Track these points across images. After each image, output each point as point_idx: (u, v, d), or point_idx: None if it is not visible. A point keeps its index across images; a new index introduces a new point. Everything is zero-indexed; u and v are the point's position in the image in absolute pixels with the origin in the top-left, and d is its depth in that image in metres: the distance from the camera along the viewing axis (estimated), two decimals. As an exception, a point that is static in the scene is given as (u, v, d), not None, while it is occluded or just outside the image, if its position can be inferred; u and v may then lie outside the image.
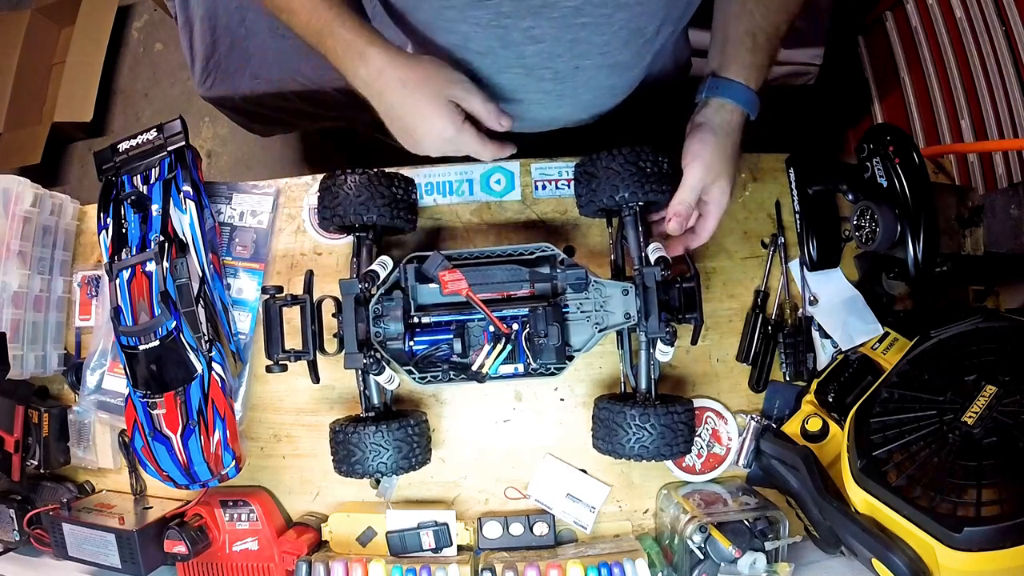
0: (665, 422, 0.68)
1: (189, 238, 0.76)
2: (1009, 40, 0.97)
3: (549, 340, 0.68)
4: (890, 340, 0.77)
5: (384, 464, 0.70)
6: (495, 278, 0.71)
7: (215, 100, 1.41)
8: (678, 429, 0.69)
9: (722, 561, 0.67)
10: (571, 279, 0.71)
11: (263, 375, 0.84)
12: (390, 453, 0.70)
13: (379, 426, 0.70)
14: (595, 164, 0.73)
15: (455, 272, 0.68)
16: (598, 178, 0.72)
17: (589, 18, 0.60)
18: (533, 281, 0.71)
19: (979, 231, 0.74)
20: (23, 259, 0.81)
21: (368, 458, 0.69)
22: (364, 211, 0.72)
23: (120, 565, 0.72)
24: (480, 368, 0.68)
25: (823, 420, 0.75)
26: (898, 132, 0.75)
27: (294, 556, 0.76)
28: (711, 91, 0.69)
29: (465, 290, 0.67)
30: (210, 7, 1.33)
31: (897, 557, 0.57)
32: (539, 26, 0.61)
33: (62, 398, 0.88)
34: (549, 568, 0.71)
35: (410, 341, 0.70)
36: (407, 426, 0.71)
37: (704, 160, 0.67)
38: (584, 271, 0.71)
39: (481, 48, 0.65)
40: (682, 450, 0.70)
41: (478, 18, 0.60)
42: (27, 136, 1.96)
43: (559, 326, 0.68)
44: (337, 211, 0.73)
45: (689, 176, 0.68)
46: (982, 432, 0.59)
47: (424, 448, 0.74)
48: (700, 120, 0.69)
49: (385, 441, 0.70)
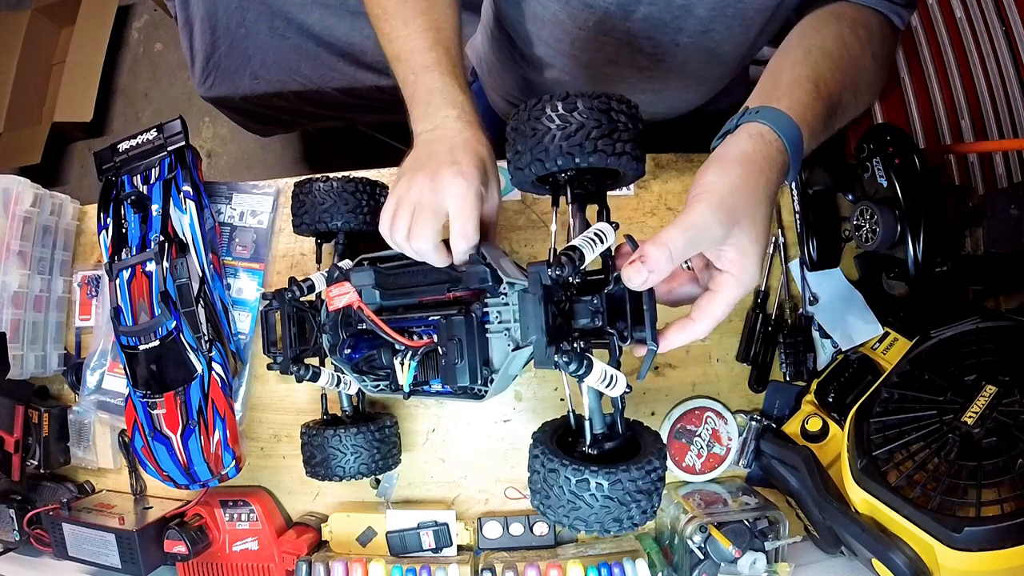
0: (611, 492, 0.47)
1: (189, 238, 0.76)
2: (1009, 40, 0.97)
3: (455, 357, 0.54)
4: (890, 340, 0.77)
5: (342, 468, 0.71)
6: (415, 281, 0.62)
7: (215, 100, 1.41)
8: (633, 497, 0.48)
9: (722, 561, 0.67)
10: (474, 279, 0.56)
11: (263, 375, 0.84)
12: (347, 457, 0.71)
13: (337, 430, 0.71)
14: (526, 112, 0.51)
15: (341, 284, 0.60)
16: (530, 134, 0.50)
17: None
18: (451, 283, 0.59)
19: (979, 231, 0.74)
20: (23, 259, 0.81)
21: (329, 461, 0.71)
22: (328, 217, 0.72)
23: (120, 565, 0.72)
24: (401, 383, 0.59)
25: (823, 420, 0.75)
26: (898, 132, 0.75)
27: (294, 556, 0.76)
28: (747, 117, 0.50)
29: (356, 303, 0.59)
30: (210, 7, 1.33)
31: (897, 557, 0.57)
32: None
33: (62, 398, 0.88)
34: (549, 568, 0.71)
35: (347, 349, 0.64)
36: (367, 431, 0.72)
37: (718, 195, 0.45)
38: (485, 268, 0.55)
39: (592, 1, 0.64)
40: (636, 523, 0.50)
41: None
42: (27, 136, 1.96)
43: (460, 341, 0.53)
44: (304, 218, 0.73)
45: (690, 214, 0.44)
46: (982, 432, 0.59)
47: (386, 454, 0.74)
48: (721, 152, 0.49)
49: (342, 446, 0.71)
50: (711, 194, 0.45)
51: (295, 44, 1.33)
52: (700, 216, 0.44)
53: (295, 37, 1.32)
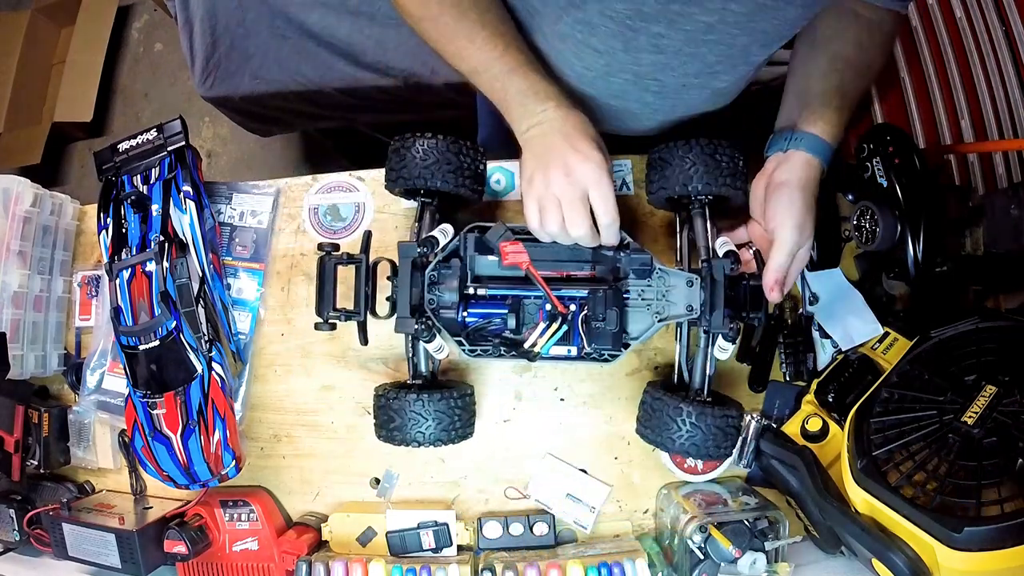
0: (720, 424, 0.66)
1: (189, 238, 0.76)
2: (1009, 40, 0.97)
3: (607, 324, 0.66)
4: (890, 340, 0.77)
5: (421, 434, 0.68)
6: (557, 255, 0.69)
7: (215, 100, 1.41)
8: (729, 432, 0.67)
9: (722, 561, 0.67)
10: (635, 263, 0.69)
11: (263, 375, 0.84)
12: (428, 423, 0.68)
13: (420, 395, 0.68)
14: (671, 152, 0.71)
15: (517, 244, 0.65)
16: (672, 166, 0.70)
17: (716, 36, 0.61)
18: (595, 263, 0.70)
19: (979, 231, 0.74)
20: (23, 259, 0.81)
21: (407, 425, 0.68)
22: (429, 176, 0.70)
23: (120, 565, 0.72)
24: (532, 346, 0.66)
25: (823, 420, 0.75)
26: (898, 132, 0.75)
27: (294, 556, 0.76)
28: (795, 143, 0.66)
29: (525, 263, 0.65)
30: (210, 7, 1.33)
31: (897, 557, 0.57)
32: (668, 36, 0.61)
33: (62, 398, 0.88)
34: (549, 568, 0.71)
35: (463, 312, 0.69)
36: (449, 398, 0.70)
37: (796, 221, 0.64)
38: (649, 256, 0.68)
39: (602, 47, 0.65)
40: (726, 453, 0.68)
41: (616, 12, 0.59)
42: (27, 136, 1.96)
43: (618, 311, 0.66)
44: (402, 173, 0.71)
45: (784, 240, 0.64)
46: (982, 432, 0.58)
47: (466, 422, 0.72)
48: (784, 177, 0.66)
49: (424, 411, 0.68)
50: (792, 219, 0.64)
51: (295, 44, 1.33)
52: (792, 241, 0.64)
53: (295, 37, 1.32)
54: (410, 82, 1.30)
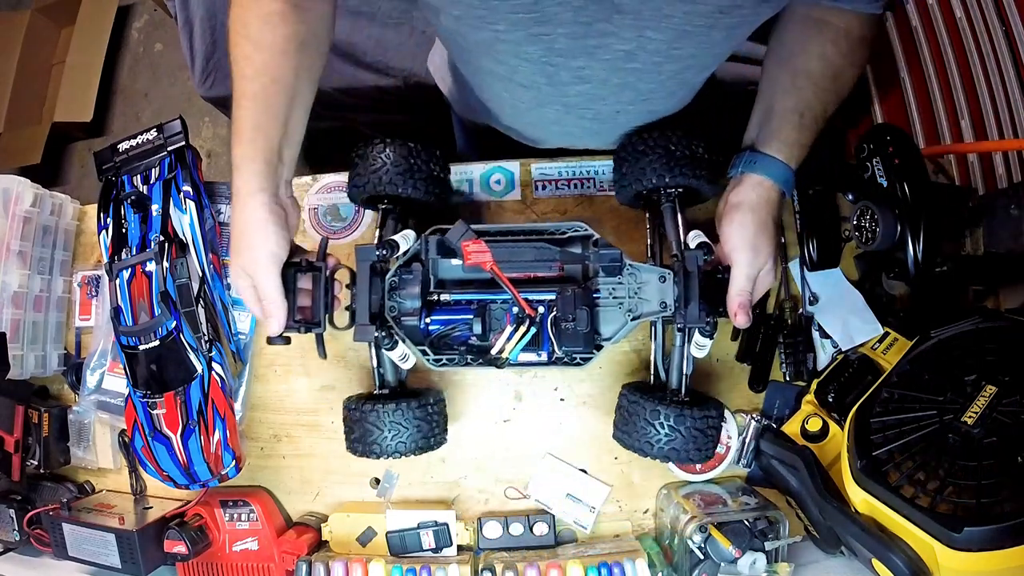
0: (700, 426, 0.64)
1: (189, 238, 0.76)
2: (1009, 40, 0.97)
3: (577, 325, 0.63)
4: (890, 340, 0.77)
5: (403, 443, 0.66)
6: (522, 256, 0.66)
7: (215, 100, 1.41)
8: (709, 433, 0.65)
9: (722, 561, 0.67)
10: (604, 260, 0.66)
11: (263, 375, 0.84)
12: (409, 432, 0.66)
13: (398, 403, 0.66)
14: (627, 150, 0.71)
15: (479, 243, 0.63)
16: (630, 163, 0.69)
17: (640, 64, 0.60)
18: (563, 262, 0.67)
19: (979, 231, 0.74)
20: (23, 259, 0.81)
21: (387, 437, 0.66)
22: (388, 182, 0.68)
23: (120, 565, 0.72)
24: (500, 352, 0.63)
25: (823, 420, 0.75)
26: (898, 132, 0.75)
27: (294, 556, 0.76)
28: (748, 166, 0.65)
29: (489, 263, 0.62)
30: (210, 7, 1.33)
31: (897, 557, 0.57)
32: (589, 67, 0.61)
33: (62, 398, 0.88)
34: (549, 568, 0.71)
35: (426, 319, 0.66)
36: (426, 404, 0.68)
37: (749, 243, 0.63)
38: (619, 253, 0.66)
39: (526, 82, 0.65)
40: (707, 455, 0.67)
41: (530, 54, 0.59)
42: (27, 136, 1.96)
43: (588, 310, 0.63)
44: (357, 183, 0.70)
45: (741, 263, 0.64)
46: (982, 432, 0.58)
47: (442, 427, 0.72)
48: (737, 199, 0.65)
49: (404, 419, 0.66)
50: (744, 243, 0.63)
51: (295, 44, 1.33)
52: (748, 264, 0.64)
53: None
54: (410, 82, 1.30)
